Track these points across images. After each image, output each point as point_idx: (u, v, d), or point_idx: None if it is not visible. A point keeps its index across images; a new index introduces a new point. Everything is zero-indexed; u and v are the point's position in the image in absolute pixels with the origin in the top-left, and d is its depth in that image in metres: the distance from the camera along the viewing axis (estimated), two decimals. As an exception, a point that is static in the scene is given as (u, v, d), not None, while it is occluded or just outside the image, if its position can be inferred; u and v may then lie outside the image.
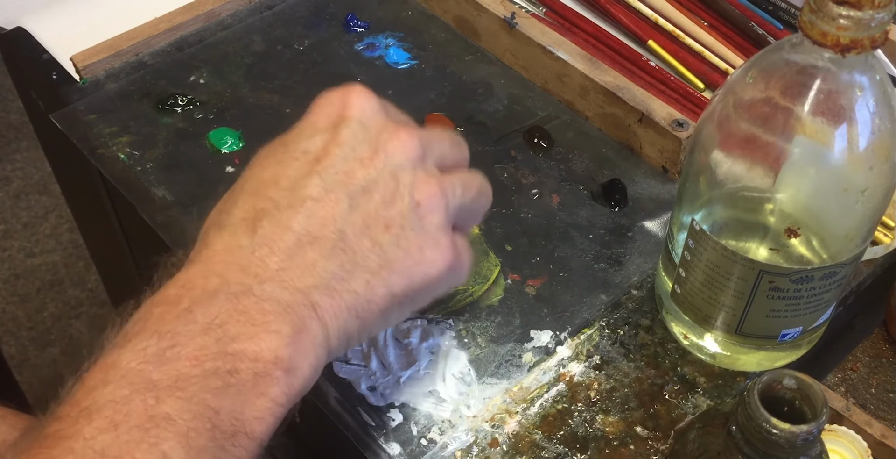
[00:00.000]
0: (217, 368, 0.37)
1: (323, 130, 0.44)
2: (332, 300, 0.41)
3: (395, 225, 0.43)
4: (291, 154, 0.43)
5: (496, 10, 0.70)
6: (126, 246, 0.82)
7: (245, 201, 0.42)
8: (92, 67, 0.69)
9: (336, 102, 0.45)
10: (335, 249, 0.41)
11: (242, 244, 0.41)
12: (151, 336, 0.37)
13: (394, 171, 0.43)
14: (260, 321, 0.39)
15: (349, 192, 0.42)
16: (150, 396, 0.36)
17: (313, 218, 0.41)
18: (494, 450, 0.51)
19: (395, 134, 0.44)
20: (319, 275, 0.41)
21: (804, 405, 0.42)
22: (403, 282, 0.43)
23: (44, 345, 1.54)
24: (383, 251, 0.42)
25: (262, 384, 0.38)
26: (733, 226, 0.50)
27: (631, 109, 0.63)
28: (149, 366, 0.37)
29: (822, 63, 0.42)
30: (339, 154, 0.43)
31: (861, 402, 0.59)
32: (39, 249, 1.68)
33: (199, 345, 0.37)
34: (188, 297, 0.39)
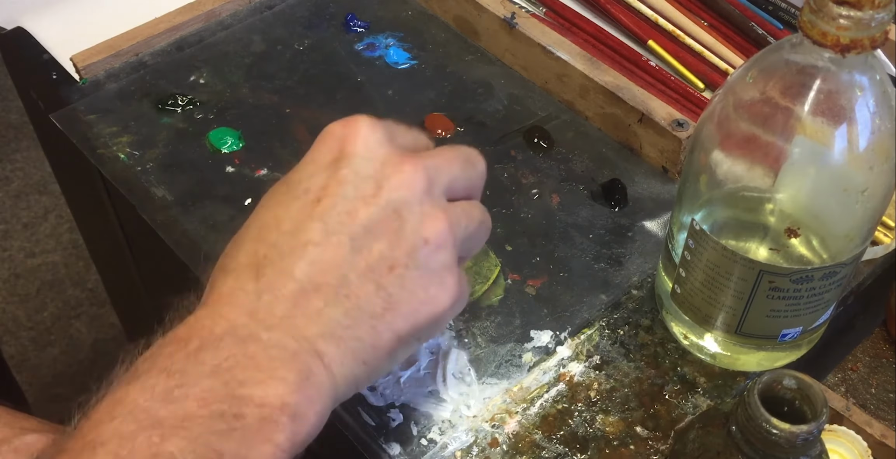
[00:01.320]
0: (223, 411, 0.37)
1: (324, 168, 0.43)
2: (338, 348, 0.40)
3: (400, 265, 0.42)
4: (293, 193, 0.43)
5: (496, 10, 0.70)
6: (126, 246, 0.82)
7: (249, 247, 0.42)
8: (92, 67, 0.69)
9: (337, 135, 0.44)
10: (339, 296, 0.41)
11: (247, 289, 0.41)
12: (160, 374, 0.37)
13: (398, 208, 0.42)
14: (266, 368, 0.38)
15: (351, 234, 0.41)
16: (156, 433, 0.36)
17: (315, 265, 0.41)
18: (494, 450, 0.51)
19: (399, 168, 0.43)
20: (324, 323, 0.40)
21: (804, 405, 0.42)
22: (409, 324, 0.42)
23: (44, 345, 1.54)
24: (388, 295, 0.41)
25: (266, 429, 0.38)
26: (733, 226, 0.50)
27: (631, 109, 0.63)
28: (156, 404, 0.36)
29: (822, 63, 0.42)
30: (340, 194, 0.42)
31: (861, 402, 0.59)
32: (39, 249, 1.68)
33: (207, 387, 0.37)
34: (197, 338, 0.39)
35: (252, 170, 0.64)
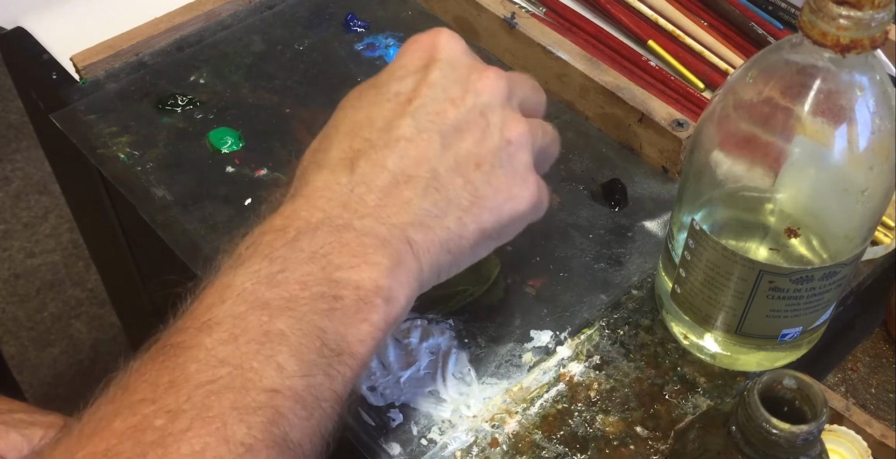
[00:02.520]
0: (323, 293, 0.40)
1: (413, 72, 0.46)
2: (426, 235, 0.43)
3: (486, 163, 0.45)
4: (384, 96, 0.45)
5: (496, 10, 0.70)
6: (126, 246, 0.82)
7: (341, 142, 0.45)
8: (92, 67, 0.69)
9: (425, 44, 0.47)
10: (429, 187, 0.43)
11: (341, 182, 0.43)
12: (263, 260, 0.40)
13: (483, 110, 0.45)
14: (361, 253, 0.41)
15: (441, 131, 0.44)
16: (265, 313, 0.38)
17: (407, 158, 0.43)
18: (494, 450, 0.51)
19: (484, 74, 0.46)
20: (414, 212, 0.43)
21: (804, 405, 0.42)
22: (493, 218, 0.45)
23: (44, 345, 1.54)
24: (475, 189, 0.44)
25: (364, 310, 0.40)
26: (733, 226, 0.50)
27: (631, 109, 0.63)
28: (261, 287, 0.39)
29: (822, 63, 0.42)
30: (429, 95, 0.45)
31: (861, 402, 0.59)
32: (39, 249, 1.68)
33: (306, 271, 0.40)
34: (294, 227, 0.41)
35: (252, 170, 0.64)
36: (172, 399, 0.36)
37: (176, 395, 0.36)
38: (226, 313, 0.39)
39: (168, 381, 0.37)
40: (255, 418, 0.36)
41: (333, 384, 0.39)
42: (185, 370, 0.37)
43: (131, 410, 0.36)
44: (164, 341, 0.39)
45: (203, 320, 0.39)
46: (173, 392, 0.36)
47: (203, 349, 0.38)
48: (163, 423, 0.35)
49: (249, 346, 0.38)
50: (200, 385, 0.36)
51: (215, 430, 0.35)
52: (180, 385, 0.36)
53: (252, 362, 0.37)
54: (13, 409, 0.53)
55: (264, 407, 0.37)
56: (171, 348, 0.38)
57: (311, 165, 0.45)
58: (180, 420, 0.35)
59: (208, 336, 0.38)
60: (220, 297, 0.39)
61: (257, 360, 0.37)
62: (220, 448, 0.35)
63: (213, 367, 0.37)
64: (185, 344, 0.38)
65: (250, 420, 0.36)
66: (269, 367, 0.37)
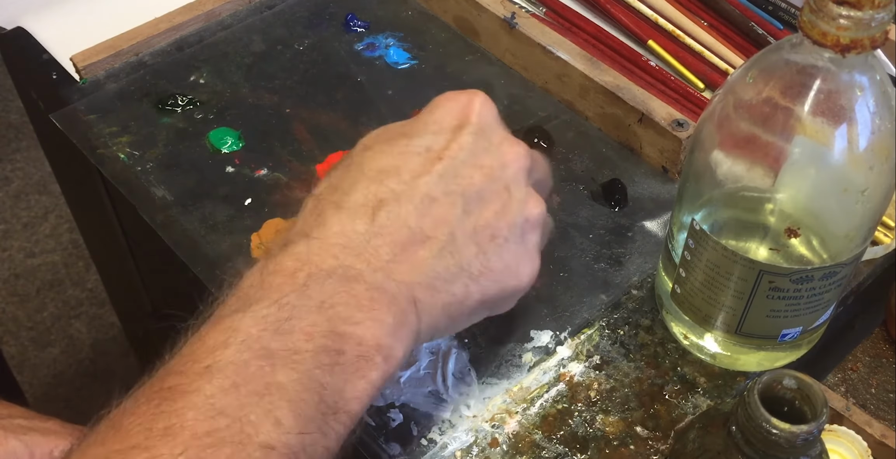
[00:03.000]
0: (326, 346, 0.39)
1: (447, 130, 0.46)
2: (432, 297, 0.43)
3: (501, 236, 0.45)
4: (414, 148, 0.45)
5: (496, 10, 0.70)
6: (126, 246, 0.82)
7: (366, 187, 0.44)
8: (92, 66, 0.69)
9: (462, 103, 0.47)
10: (444, 251, 0.44)
11: (359, 230, 0.43)
12: (272, 306, 0.40)
13: (508, 184, 0.46)
14: (367, 308, 0.41)
15: (465, 196, 0.44)
16: (267, 364, 0.38)
17: (428, 217, 0.44)
18: (494, 450, 0.51)
19: (515, 148, 0.46)
20: (426, 273, 0.43)
21: (804, 405, 0.42)
22: (496, 290, 0.45)
23: (44, 345, 1.54)
24: (486, 259, 0.45)
25: (363, 367, 0.40)
26: (733, 226, 0.50)
27: (631, 109, 0.63)
28: (267, 334, 0.39)
29: (822, 63, 0.42)
30: (459, 157, 0.45)
31: (861, 402, 0.59)
32: (39, 249, 1.68)
33: (312, 322, 0.40)
34: (305, 272, 0.41)
35: (252, 170, 0.64)
36: (167, 449, 0.35)
37: (171, 445, 0.35)
38: (229, 359, 0.38)
39: (163, 427, 0.36)
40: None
41: (327, 442, 0.39)
42: (181, 417, 0.36)
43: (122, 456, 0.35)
44: (160, 381, 0.38)
45: (204, 364, 0.38)
46: (168, 441, 0.35)
47: (202, 395, 0.37)
48: None
49: (250, 397, 0.37)
50: (197, 437, 0.36)
51: None
52: (176, 434, 0.36)
53: (251, 414, 0.37)
54: (12, 414, 0.53)
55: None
56: (168, 391, 0.37)
57: (330, 206, 0.44)
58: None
59: (208, 383, 0.37)
60: (223, 341, 0.39)
61: (256, 413, 0.37)
62: None
63: (212, 417, 0.36)
64: (182, 389, 0.37)
65: None
66: (268, 421, 0.37)
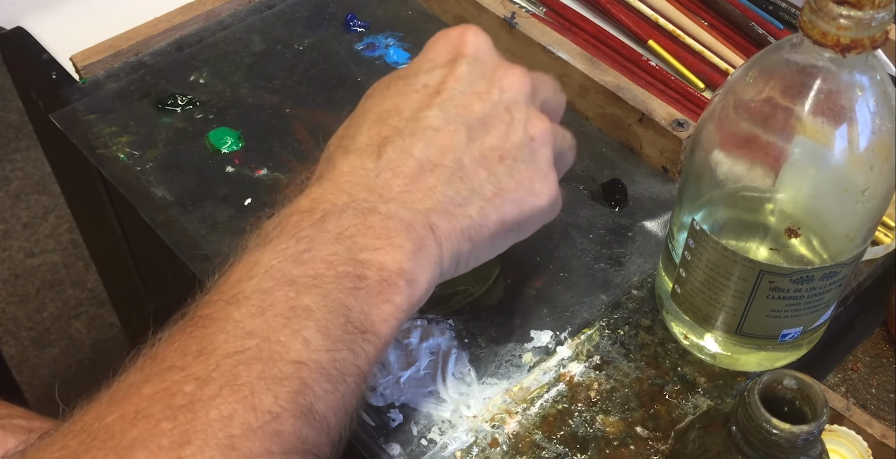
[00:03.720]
0: (348, 272, 0.41)
1: (441, 65, 0.47)
2: (449, 222, 0.44)
3: (509, 157, 0.46)
4: (412, 87, 0.46)
5: (496, 9, 0.70)
6: (126, 246, 0.82)
7: (369, 128, 0.46)
8: (92, 66, 0.69)
9: (453, 39, 0.48)
10: (453, 176, 0.44)
11: (367, 167, 0.44)
12: (290, 239, 0.41)
13: (508, 105, 0.46)
14: (385, 236, 0.42)
15: (467, 123, 0.45)
16: (291, 290, 0.39)
17: (433, 147, 0.44)
18: (494, 450, 0.51)
19: (510, 71, 0.47)
20: (438, 199, 0.44)
21: (804, 405, 0.42)
22: (514, 210, 0.46)
23: (44, 345, 1.54)
24: (497, 181, 0.45)
25: (387, 290, 0.41)
26: (733, 226, 0.50)
27: (631, 109, 0.63)
28: (288, 264, 0.40)
29: (823, 63, 0.42)
30: (457, 88, 0.46)
31: (861, 402, 0.59)
32: (39, 249, 1.68)
33: (332, 251, 0.41)
34: (320, 209, 0.42)
35: (252, 170, 0.64)
36: (201, 367, 0.37)
37: (205, 363, 0.37)
38: (253, 288, 0.39)
39: (196, 350, 0.37)
40: (281, 388, 0.37)
41: (357, 360, 0.40)
42: (213, 341, 0.38)
43: (160, 376, 0.37)
44: (192, 313, 0.40)
45: (231, 294, 0.40)
46: (202, 361, 0.37)
47: (231, 321, 0.38)
48: (192, 389, 0.36)
49: (276, 320, 0.39)
50: (228, 355, 0.37)
51: (243, 398, 0.36)
52: (209, 354, 0.37)
53: (279, 335, 0.38)
54: (11, 414, 0.53)
55: (291, 378, 0.37)
56: (199, 319, 0.39)
57: (338, 150, 0.46)
58: (209, 387, 0.36)
59: (236, 309, 0.39)
60: (247, 273, 0.40)
61: (284, 333, 0.38)
62: (247, 415, 0.36)
63: (241, 338, 0.38)
64: (213, 316, 0.39)
65: (277, 389, 0.37)
66: (296, 340, 0.38)
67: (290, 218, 0.42)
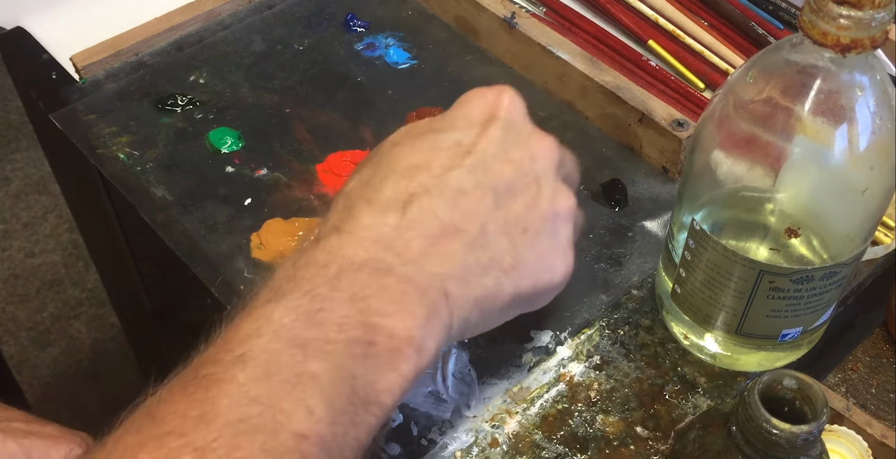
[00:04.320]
0: (358, 337, 0.39)
1: (476, 125, 0.46)
2: (463, 290, 0.43)
3: (532, 229, 0.45)
4: (443, 143, 0.45)
5: (496, 9, 0.70)
6: (126, 246, 0.82)
7: (396, 182, 0.44)
8: (92, 66, 0.69)
9: (489, 99, 0.47)
10: (475, 243, 0.43)
11: (389, 223, 0.43)
12: (304, 296, 0.40)
13: (538, 176, 0.46)
14: (399, 301, 0.41)
15: (495, 189, 0.44)
16: (300, 353, 0.38)
17: (459, 210, 0.43)
18: (494, 450, 0.51)
19: (544, 142, 0.46)
20: (457, 266, 0.43)
21: (804, 405, 0.42)
22: (529, 284, 0.45)
23: (44, 345, 1.54)
24: (518, 253, 0.44)
25: (395, 359, 0.40)
26: (733, 226, 0.50)
27: (631, 109, 0.63)
28: (299, 324, 0.39)
29: (823, 63, 0.42)
30: (489, 151, 0.45)
31: (861, 402, 0.59)
32: (39, 249, 1.68)
33: (344, 313, 0.40)
34: (336, 264, 0.41)
35: (252, 170, 0.64)
36: (201, 436, 0.36)
37: (205, 431, 0.36)
38: (261, 348, 0.38)
39: (198, 414, 0.36)
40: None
41: (358, 433, 0.39)
42: (215, 405, 0.37)
43: (158, 442, 0.36)
44: (195, 370, 0.38)
45: (238, 353, 0.38)
46: (202, 428, 0.36)
47: (235, 384, 0.37)
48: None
49: (282, 386, 0.37)
50: (230, 424, 0.36)
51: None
52: (210, 421, 0.36)
53: (283, 403, 0.37)
54: (11, 418, 0.53)
55: (292, 452, 0.36)
56: (202, 379, 0.38)
57: (361, 201, 0.44)
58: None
59: (242, 371, 0.38)
60: (256, 330, 0.39)
61: (288, 401, 0.37)
62: None
63: (245, 405, 0.37)
64: (216, 377, 0.38)
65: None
66: (300, 410, 0.37)
67: (305, 271, 0.41)
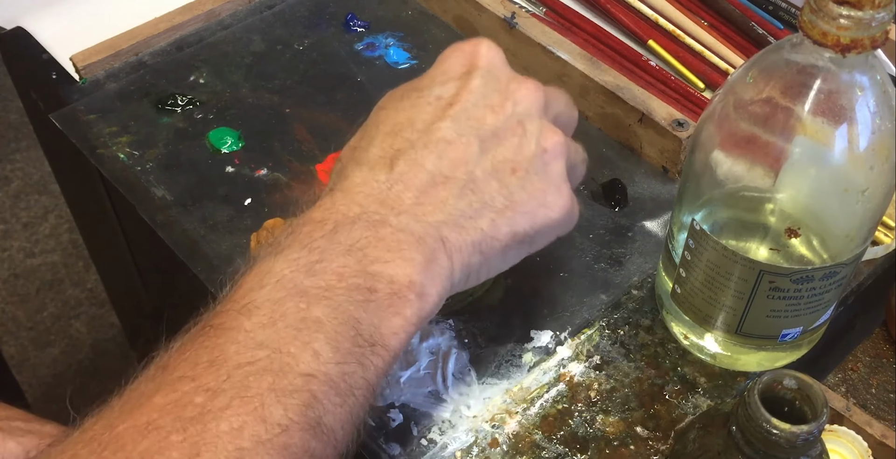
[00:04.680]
0: (358, 284, 0.41)
1: (455, 78, 0.47)
2: (460, 235, 0.44)
3: (522, 169, 0.46)
4: (425, 99, 0.46)
5: (496, 9, 0.70)
6: (126, 246, 0.82)
7: (382, 140, 0.45)
8: (92, 66, 0.69)
9: (466, 51, 0.48)
10: (465, 189, 0.44)
11: (379, 179, 0.44)
12: (302, 249, 0.41)
13: (521, 118, 0.46)
14: (395, 249, 0.42)
15: (479, 136, 0.45)
16: (302, 301, 0.40)
17: (445, 159, 0.44)
18: (494, 450, 0.51)
19: (523, 84, 0.47)
20: (449, 212, 0.44)
21: (804, 405, 0.42)
22: (526, 223, 0.45)
23: (44, 345, 1.54)
24: (509, 193, 0.45)
25: (397, 303, 0.41)
26: (733, 226, 0.50)
27: (631, 109, 0.63)
28: (300, 275, 0.40)
29: (823, 63, 0.42)
30: (470, 100, 0.46)
31: (861, 402, 0.59)
32: (39, 249, 1.68)
33: (343, 263, 0.41)
34: (332, 220, 0.43)
35: (252, 170, 0.64)
36: (212, 378, 0.37)
37: (216, 374, 0.37)
38: (265, 298, 0.40)
39: (207, 360, 0.38)
40: (291, 400, 0.37)
41: (366, 374, 0.40)
42: (224, 351, 0.38)
43: (171, 386, 0.37)
44: (203, 323, 0.40)
45: (242, 303, 0.40)
46: (213, 371, 0.37)
47: (242, 331, 0.39)
48: (202, 400, 0.36)
49: (287, 331, 0.39)
50: (239, 366, 0.37)
51: (253, 410, 0.36)
52: (220, 365, 0.37)
53: (289, 346, 0.38)
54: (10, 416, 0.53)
55: (301, 391, 0.38)
56: (210, 329, 0.39)
57: (351, 162, 0.46)
58: (219, 399, 0.36)
59: (247, 319, 0.39)
60: (259, 282, 0.40)
61: (294, 345, 0.38)
62: (257, 427, 0.36)
63: (252, 349, 0.38)
64: (224, 326, 0.39)
65: (287, 401, 0.37)
66: (306, 353, 0.38)
67: (302, 228, 0.43)
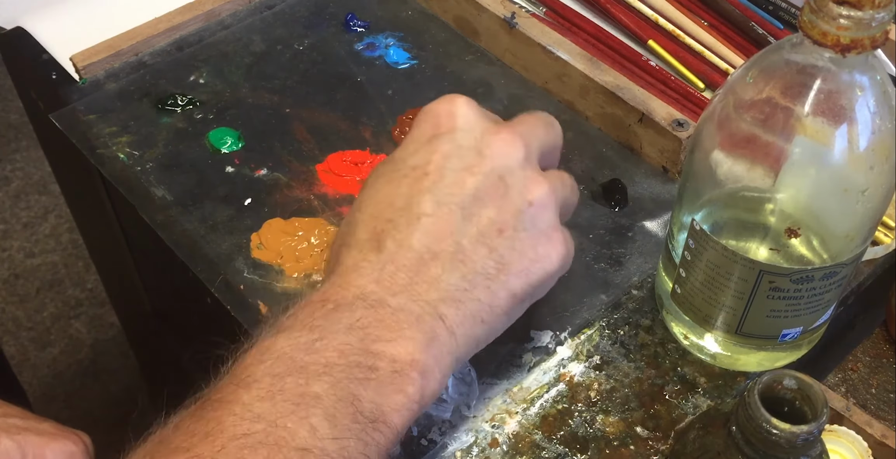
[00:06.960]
0: (359, 362, 0.41)
1: (426, 144, 0.46)
2: (458, 310, 0.44)
3: (509, 228, 0.45)
4: (401, 172, 0.46)
5: (496, 9, 0.70)
6: (126, 246, 0.82)
7: (366, 223, 0.45)
8: (92, 66, 0.69)
9: (435, 113, 0.47)
10: (454, 261, 0.44)
11: (370, 260, 0.44)
12: (303, 329, 0.41)
13: (501, 173, 0.45)
14: (396, 328, 0.42)
15: (461, 203, 0.44)
16: (301, 377, 0.40)
17: (430, 234, 0.44)
18: (494, 450, 0.51)
19: (498, 135, 0.46)
20: (444, 289, 0.44)
21: (804, 405, 0.42)
22: (522, 282, 0.45)
23: (44, 345, 1.54)
24: (500, 256, 0.45)
25: (398, 381, 0.41)
26: (733, 226, 0.50)
27: (631, 109, 0.63)
28: (300, 353, 0.40)
29: (823, 63, 0.42)
30: (446, 166, 0.45)
31: (861, 402, 0.59)
32: (39, 249, 1.68)
33: (344, 341, 0.41)
34: (332, 301, 0.43)
35: (252, 170, 0.64)
36: (207, 449, 0.37)
37: (211, 445, 0.37)
38: (264, 372, 0.40)
39: (204, 432, 0.37)
40: None
41: (367, 450, 0.39)
42: (220, 423, 0.38)
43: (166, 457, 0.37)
44: (202, 399, 0.40)
45: (241, 377, 0.40)
46: (209, 442, 0.37)
47: (240, 403, 0.39)
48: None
49: (285, 405, 0.39)
50: (235, 438, 0.37)
51: None
52: (215, 436, 0.37)
53: (286, 421, 0.38)
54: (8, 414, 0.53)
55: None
56: (209, 402, 0.39)
57: (342, 248, 0.46)
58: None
59: (246, 392, 0.39)
60: (259, 358, 0.41)
61: (291, 420, 0.38)
62: None
63: (249, 421, 0.38)
64: (223, 399, 0.39)
65: None
66: (303, 427, 0.38)
67: (303, 309, 0.43)
